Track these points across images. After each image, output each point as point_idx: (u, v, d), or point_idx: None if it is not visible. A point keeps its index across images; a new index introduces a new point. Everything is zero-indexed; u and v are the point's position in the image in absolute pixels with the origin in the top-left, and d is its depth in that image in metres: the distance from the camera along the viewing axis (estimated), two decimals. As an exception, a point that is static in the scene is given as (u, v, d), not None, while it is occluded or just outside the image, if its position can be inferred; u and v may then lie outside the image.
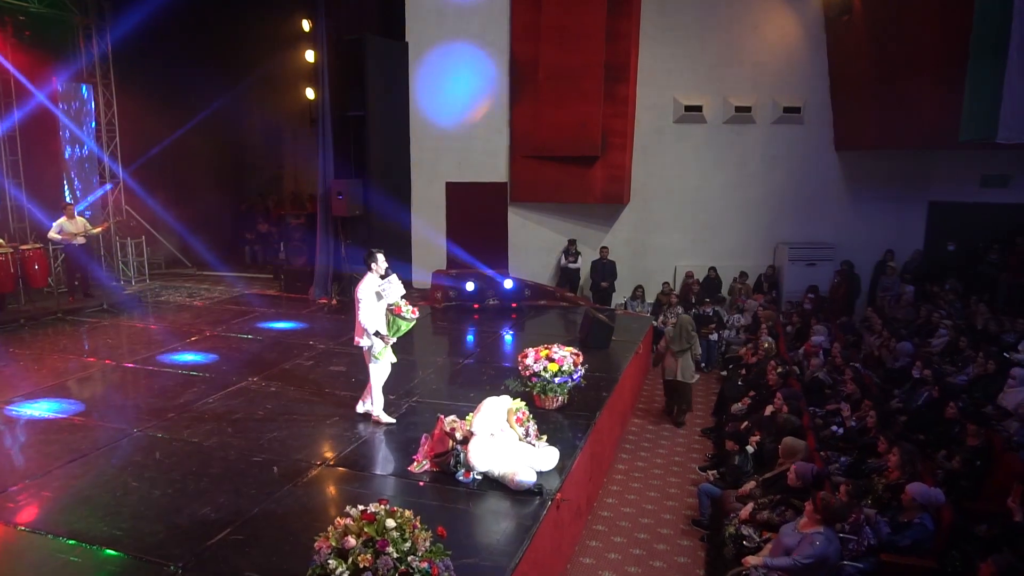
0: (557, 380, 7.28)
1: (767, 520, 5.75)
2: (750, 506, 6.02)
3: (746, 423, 8.04)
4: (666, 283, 13.78)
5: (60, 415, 7.29)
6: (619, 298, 13.99)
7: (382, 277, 6.87)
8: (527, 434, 6.29)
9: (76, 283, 12.55)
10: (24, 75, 13.12)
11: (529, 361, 7.32)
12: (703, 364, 12.10)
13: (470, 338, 11.00)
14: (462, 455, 5.86)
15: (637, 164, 13.78)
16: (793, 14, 13.39)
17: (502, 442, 5.90)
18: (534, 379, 7.36)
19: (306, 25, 13.64)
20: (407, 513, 4.19)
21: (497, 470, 5.74)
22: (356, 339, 6.95)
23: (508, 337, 10.88)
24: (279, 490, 5.69)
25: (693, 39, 13.45)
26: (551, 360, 7.27)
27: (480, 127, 13.81)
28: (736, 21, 13.43)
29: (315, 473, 5.99)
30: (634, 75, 13.29)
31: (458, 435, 6.02)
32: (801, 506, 5.60)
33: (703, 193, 14.02)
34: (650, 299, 13.63)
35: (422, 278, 13.86)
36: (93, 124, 14.44)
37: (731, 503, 6.38)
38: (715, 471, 7.18)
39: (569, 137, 13.21)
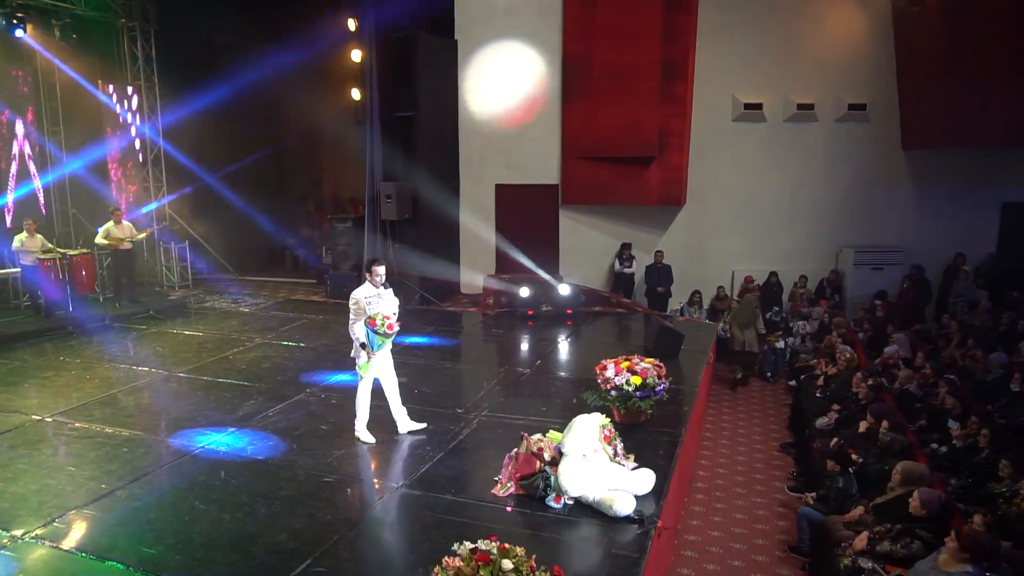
0: (639, 394, 6.80)
1: (889, 552, 5.22)
2: (865, 535, 5.49)
3: (836, 440, 7.50)
4: (720, 287, 13.24)
5: (118, 429, 6.97)
6: (675, 304, 13.45)
7: (383, 287, 6.49)
8: (615, 453, 5.84)
9: (122, 289, 12.34)
10: (69, 79, 12.98)
11: (610, 373, 6.84)
12: (769, 374, 11.57)
13: (528, 346, 10.55)
14: (552, 478, 5.41)
15: (693, 165, 13.24)
16: (858, 5, 12.81)
17: (595, 464, 5.44)
18: (614, 392, 6.88)
19: (352, 24, 13.35)
20: (519, 550, 3.76)
21: (592, 494, 5.28)
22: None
23: (568, 345, 10.42)
24: (356, 516, 5.29)
25: (753, 34, 12.91)
26: (634, 372, 6.78)
27: (531, 128, 13.39)
28: (798, 15, 12.87)
29: (390, 496, 5.58)
30: (691, 73, 12.77)
31: (546, 455, 5.58)
32: (929, 538, 5.08)
33: (762, 194, 13.45)
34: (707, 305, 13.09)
35: (471, 282, 13.49)
36: (138, 128, 14.27)
37: (838, 530, 5.86)
38: (812, 493, 6.64)
39: (624, 137, 12.73)
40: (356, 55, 13.21)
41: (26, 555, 4.80)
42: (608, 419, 5.93)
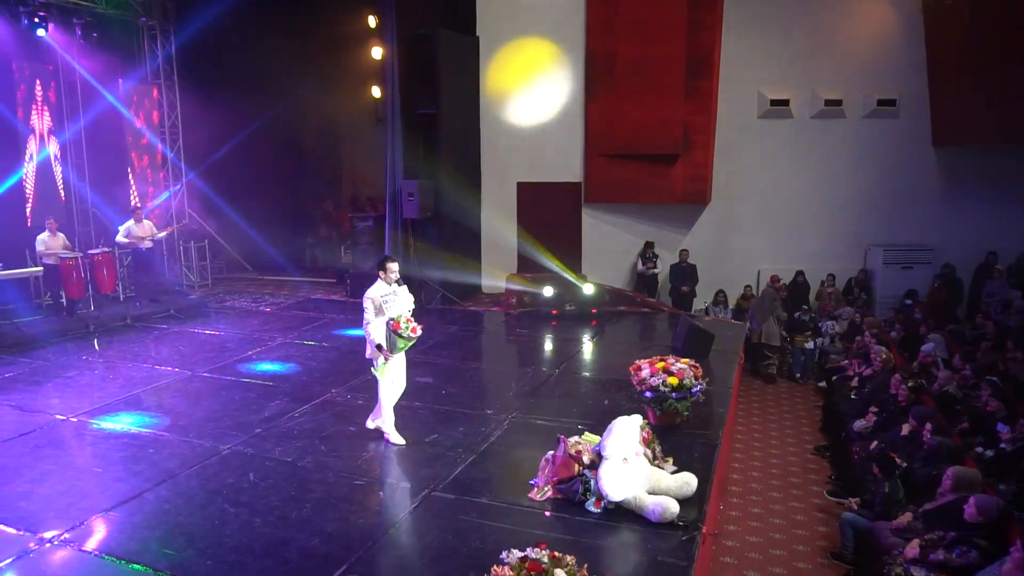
0: (675, 395, 6.61)
1: (944, 561, 5.01)
2: (916, 542, 5.29)
3: (876, 443, 7.28)
4: (747, 286, 13.04)
5: (143, 429, 6.87)
6: (699, 303, 13.24)
7: (397, 284, 6.32)
8: (654, 456, 5.66)
9: (143, 288, 12.28)
10: (91, 77, 12.94)
11: (645, 374, 6.66)
12: (798, 375, 11.35)
13: (553, 346, 10.37)
14: (592, 482, 5.24)
15: (718, 162, 13.04)
16: (887, -1, 12.57)
17: (637, 467, 5.26)
18: (648, 394, 6.70)
19: (372, 21, 13.26)
20: (570, 559, 3.60)
21: (634, 499, 5.10)
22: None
23: (594, 346, 10.23)
24: (390, 519, 5.14)
25: (779, 29, 12.69)
26: (670, 373, 6.59)
27: (553, 125, 13.23)
28: (825, 9, 12.64)
29: (423, 499, 5.42)
30: (717, 69, 12.56)
31: (585, 459, 5.40)
32: (987, 546, 4.87)
33: (788, 192, 13.22)
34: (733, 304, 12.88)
35: (493, 282, 13.33)
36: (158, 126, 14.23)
37: (886, 537, 5.66)
38: (855, 498, 6.43)
39: (648, 135, 12.55)
40: (377, 52, 13.13)
41: (55, 559, 4.68)
42: (646, 421, 5.77)
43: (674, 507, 4.99)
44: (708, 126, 12.65)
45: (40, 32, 11.66)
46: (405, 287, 6.41)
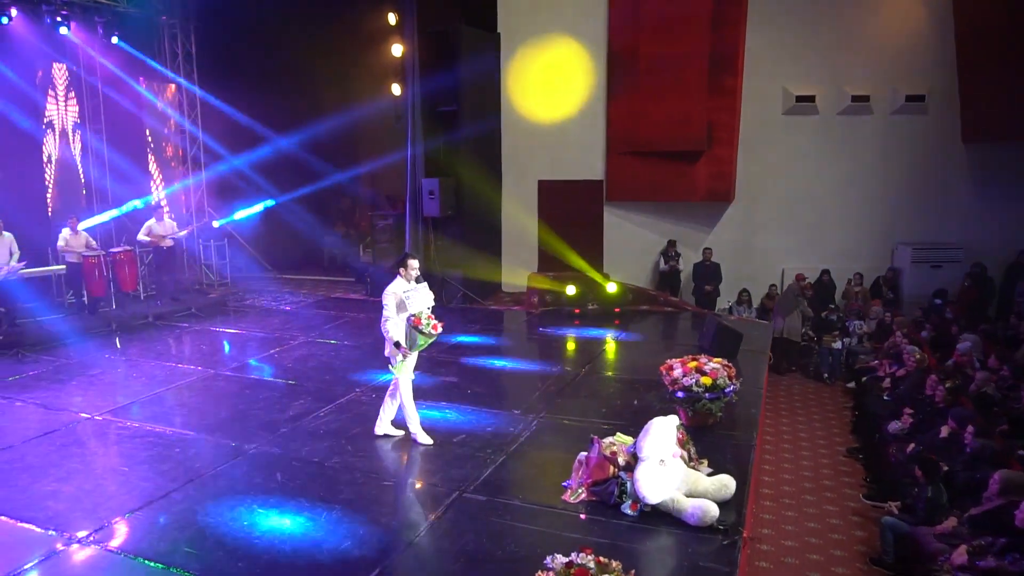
0: (708, 396, 6.47)
1: (996, 569, 4.84)
2: (963, 548, 5.11)
3: (913, 445, 7.10)
4: (772, 286, 12.83)
5: (168, 428, 6.81)
6: (723, 303, 13.06)
7: (416, 282, 6.20)
8: (689, 458, 5.52)
9: (164, 286, 12.28)
10: (112, 75, 12.95)
11: (677, 374, 6.51)
12: (825, 375, 11.15)
13: (577, 346, 10.22)
14: (628, 484, 5.11)
15: (742, 160, 12.82)
16: (916, -8, 12.33)
17: (674, 469, 5.13)
18: (680, 394, 6.55)
19: (392, 18, 13.16)
20: (615, 564, 3.48)
21: (671, 502, 4.97)
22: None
23: (619, 345, 10.09)
24: (421, 521, 5.03)
25: (805, 24, 12.46)
26: (703, 373, 6.45)
27: (575, 123, 13.07)
28: (852, 2, 12.38)
29: (455, 501, 5.30)
30: (741, 64, 12.37)
31: (620, 460, 5.27)
32: (1040, 553, 4.69)
33: (814, 190, 12.98)
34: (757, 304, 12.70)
35: (513, 280, 13.22)
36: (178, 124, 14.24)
37: (930, 543, 5.48)
38: (895, 502, 6.25)
39: (671, 132, 12.38)
40: (397, 49, 13.02)
41: (83, 559, 4.62)
42: (680, 422, 5.64)
43: (714, 510, 4.86)
44: (732, 123, 12.46)
45: (62, 30, 11.65)
46: (425, 284, 6.31)
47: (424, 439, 6.29)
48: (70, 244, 10.70)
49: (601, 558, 3.51)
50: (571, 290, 11.47)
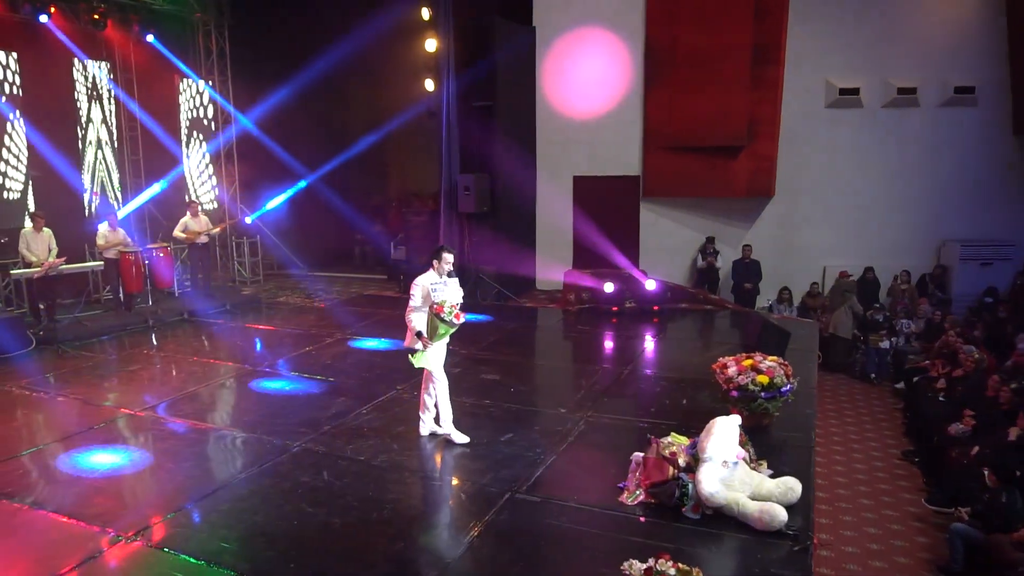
0: (764, 395, 6.22)
1: (1084, 579, 4.56)
2: (1044, 558, 4.84)
3: (978, 448, 6.80)
4: (814, 284, 12.53)
5: (210, 425, 6.73)
6: (762, 301, 12.76)
7: (448, 276, 6.02)
8: (749, 459, 5.30)
9: (198, 283, 12.26)
10: (146, 73, 12.99)
11: (732, 372, 6.28)
12: (872, 375, 10.84)
13: (617, 344, 10.01)
14: (690, 486, 4.90)
15: (783, 154, 12.51)
16: (966, -20, 11.94)
17: (738, 471, 4.91)
18: (734, 393, 6.32)
19: (426, 13, 13.03)
20: (696, 572, 3.28)
21: (736, 505, 4.76)
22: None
23: (661, 343, 9.86)
24: (475, 522, 4.85)
25: (849, 13, 12.13)
26: (759, 371, 6.21)
27: (611, 117, 12.86)
28: (899, -8, 12.06)
29: (508, 502, 5.12)
30: (783, 56, 12.06)
31: (681, 461, 5.07)
32: None
33: (857, 185, 12.65)
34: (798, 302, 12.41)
35: (547, 278, 13.04)
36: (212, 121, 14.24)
37: (1006, 552, 5.21)
38: (965, 508, 5.97)
39: (711, 126, 12.12)
40: (431, 44, 12.89)
41: (133, 557, 4.51)
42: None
43: (782, 515, 4.63)
44: (773, 116, 12.16)
45: (99, 28, 11.68)
46: (456, 280, 6.14)
47: (459, 438, 6.09)
48: (109, 240, 10.70)
49: (680, 564, 3.31)
50: (609, 287, 11.24)
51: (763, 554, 4.43)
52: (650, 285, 11.28)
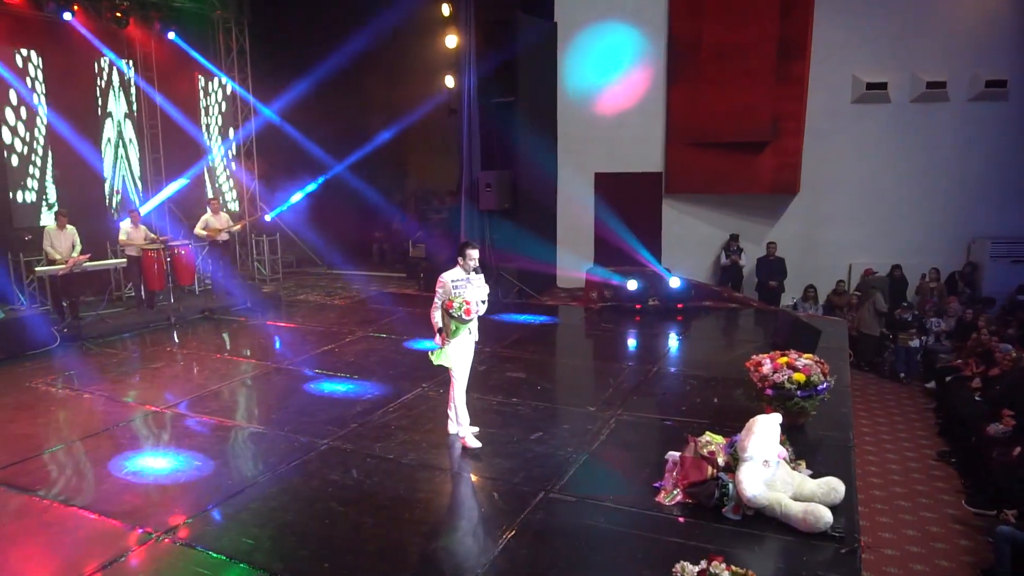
0: (800, 393, 6.08)
1: None
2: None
3: (1020, 449, 6.62)
4: (840, 282, 12.34)
5: (236, 422, 6.67)
6: (786, 299, 12.58)
7: (474, 273, 5.83)
8: (789, 459, 5.16)
9: (218, 281, 12.25)
10: (168, 71, 12.99)
11: (767, 370, 6.13)
12: (902, 375, 10.63)
13: (643, 342, 9.88)
14: (730, 486, 4.77)
15: (808, 151, 12.30)
16: (997, -28, 11.69)
17: (779, 471, 4.78)
18: (769, 392, 6.17)
19: (446, 9, 12.97)
20: (751, 575, 3.15)
21: (779, 506, 4.62)
22: None
23: (687, 341, 9.72)
24: (510, 522, 4.75)
25: (877, 7, 11.91)
26: (795, 369, 6.07)
27: (633, 113, 12.72)
28: (928, -15, 11.83)
29: (542, 501, 5.02)
30: (809, 51, 11.87)
31: (720, 460, 4.94)
32: None
33: (884, 182, 12.42)
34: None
35: (568, 275, 12.92)
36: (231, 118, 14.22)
37: (1056, 555, 5.04)
38: (1011, 511, 5.79)
39: (735, 121, 11.95)
40: (451, 41, 12.82)
41: (165, 555, 4.44)
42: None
43: (828, 516, 4.49)
44: (799, 112, 11.97)
45: (121, 26, 11.69)
46: (482, 276, 5.93)
47: (472, 442, 5.89)
48: (131, 237, 10.70)
49: (734, 567, 3.19)
50: (632, 285, 11.11)
51: (808, 556, 4.30)
52: (674, 283, 11.14)
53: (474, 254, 5.85)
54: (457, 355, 5.90)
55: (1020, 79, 11.76)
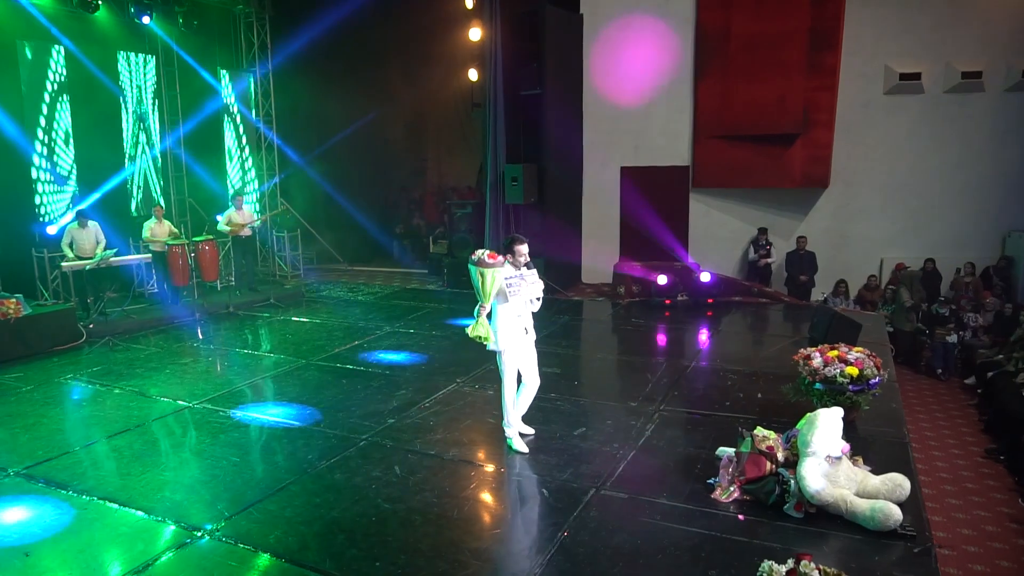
0: (852, 387, 5.89)
1: None
2: None
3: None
4: (872, 276, 12.11)
5: (271, 418, 6.54)
6: (816, 294, 12.35)
7: (526, 268, 5.49)
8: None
9: (243, 276, 12.16)
10: (190, 66, 12.89)
11: (817, 363, 5.96)
12: (939, 371, 10.40)
13: (676, 337, 9.70)
14: (792, 482, 4.60)
15: (838, 143, 12.08)
16: (1035, -42, 11.42)
17: (842, 467, 4.61)
18: (820, 386, 5.98)
19: (469, 2, 12.84)
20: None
21: (844, 503, 4.45)
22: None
23: (722, 336, 9.53)
24: (563, 519, 4.59)
25: (910, -4, 11.68)
26: (847, 363, 5.88)
27: (660, 106, 12.52)
28: (962, -28, 11.57)
29: (594, 498, 4.86)
30: (840, 41, 11.64)
31: (779, 456, 4.77)
32: None
33: (916, 175, 12.18)
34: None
35: (594, 269, 12.76)
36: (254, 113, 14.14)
37: None
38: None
39: (765, 114, 11.75)
40: (475, 34, 12.68)
41: (210, 552, 4.30)
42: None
43: (897, 513, 4.31)
44: (830, 104, 11.75)
45: (145, 19, 11.61)
46: (535, 271, 5.64)
47: (520, 446, 5.59)
48: (155, 233, 10.61)
49: (822, 566, 3.03)
50: (662, 280, 10.93)
51: (880, 556, 4.13)
52: (704, 277, 10.96)
53: (523, 249, 5.46)
54: (519, 352, 5.55)
55: (1058, 68, 11.49)
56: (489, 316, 5.46)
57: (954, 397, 9.62)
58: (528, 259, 5.56)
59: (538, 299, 5.62)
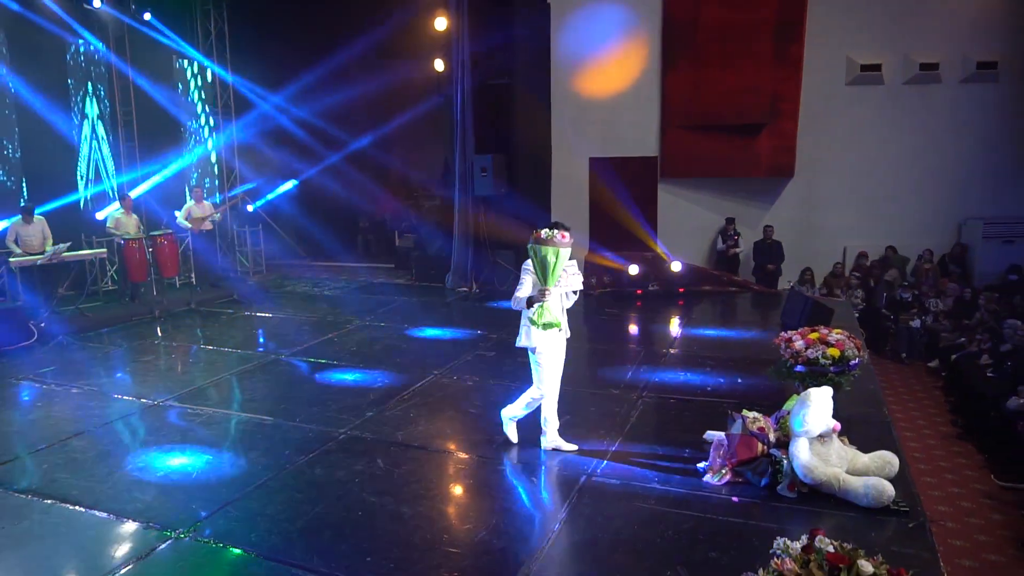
0: (833, 369, 5.93)
1: None
2: None
3: (1045, 422, 6.56)
4: (837, 263, 12.30)
5: (243, 414, 6.30)
6: (783, 282, 12.50)
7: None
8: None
9: (202, 272, 11.76)
10: (144, 54, 12.41)
11: (799, 346, 5.97)
12: (903, 355, 10.61)
13: (651, 326, 9.71)
14: (784, 462, 4.58)
15: (803, 133, 12.21)
16: (989, -49, 11.71)
17: (833, 445, 4.61)
18: (801, 368, 6.00)
19: (435, -9, 12.60)
20: (860, 552, 2.94)
21: (836, 481, 4.44)
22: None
23: (695, 324, 9.55)
24: (557, 508, 4.50)
25: (871, -12, 11.87)
26: (828, 344, 5.91)
27: (627, 96, 12.47)
28: (920, -35, 11.81)
29: (586, 485, 4.77)
30: (804, 32, 11.78)
31: (771, 437, 4.75)
32: None
33: (878, 165, 12.37)
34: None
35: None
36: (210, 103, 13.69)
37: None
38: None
39: (732, 104, 11.79)
40: (440, 23, 12.46)
41: (188, 554, 4.08)
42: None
43: (890, 490, 4.34)
44: (795, 94, 11.87)
45: (96, 3, 11.11)
46: (575, 262, 5.21)
47: (567, 446, 5.31)
48: (121, 225, 10.13)
49: (838, 542, 2.98)
50: (633, 270, 10.92)
51: (876, 532, 4.13)
52: (675, 267, 10.98)
53: (562, 237, 4.96)
54: (548, 355, 5.21)
55: (1011, 60, 11.79)
56: (530, 304, 5.04)
57: (920, 380, 9.81)
58: (570, 251, 5.11)
59: (575, 292, 5.28)
